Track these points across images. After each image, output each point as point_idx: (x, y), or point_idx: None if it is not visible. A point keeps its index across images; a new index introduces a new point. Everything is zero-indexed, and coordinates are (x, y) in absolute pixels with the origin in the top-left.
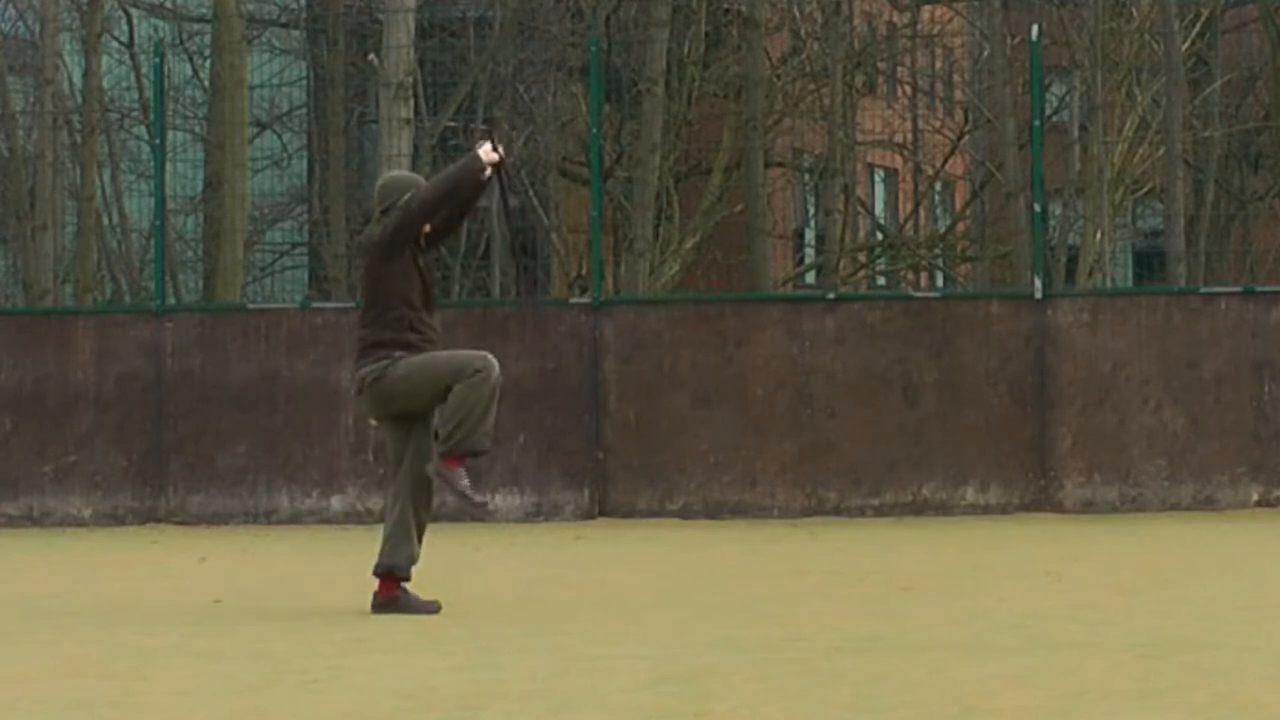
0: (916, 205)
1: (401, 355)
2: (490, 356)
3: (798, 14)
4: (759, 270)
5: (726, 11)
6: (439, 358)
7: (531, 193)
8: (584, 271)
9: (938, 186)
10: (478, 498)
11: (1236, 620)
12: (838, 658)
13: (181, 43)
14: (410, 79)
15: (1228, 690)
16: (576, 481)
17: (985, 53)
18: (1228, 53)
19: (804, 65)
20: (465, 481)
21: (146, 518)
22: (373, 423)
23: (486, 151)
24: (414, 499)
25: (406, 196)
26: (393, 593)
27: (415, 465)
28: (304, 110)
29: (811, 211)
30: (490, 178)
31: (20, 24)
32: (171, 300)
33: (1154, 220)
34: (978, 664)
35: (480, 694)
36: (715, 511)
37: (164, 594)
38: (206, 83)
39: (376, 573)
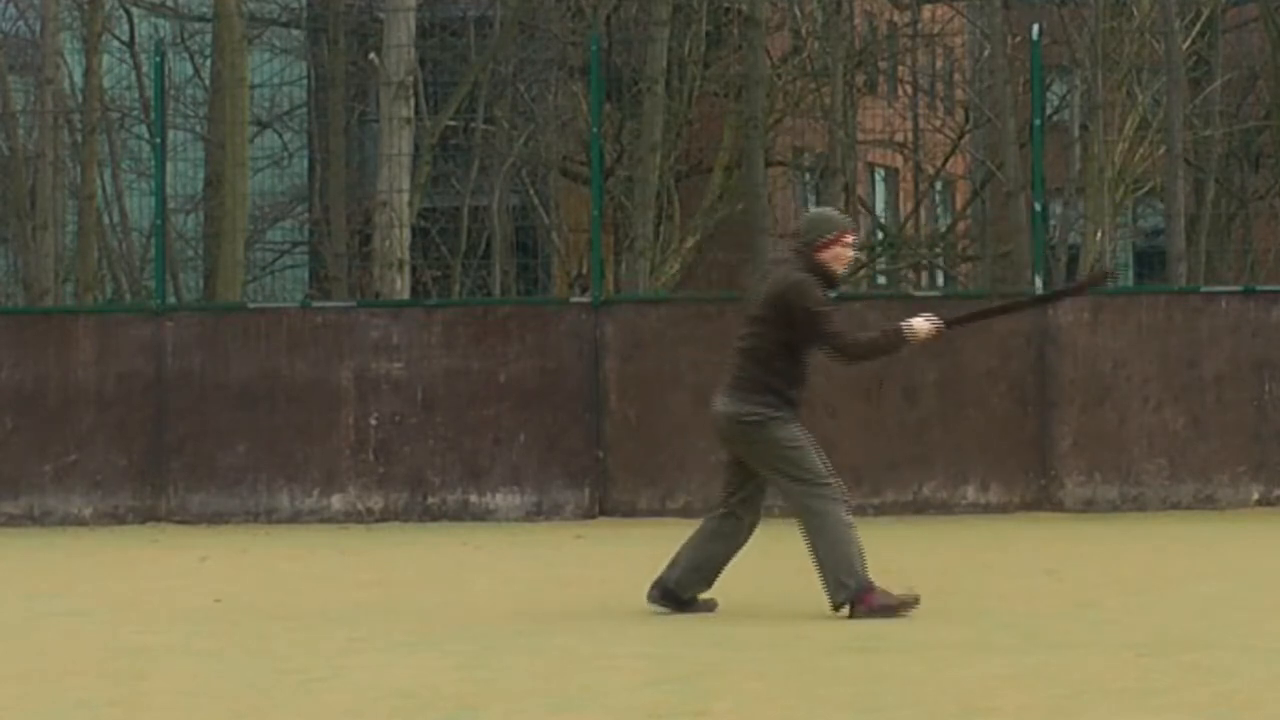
0: (917, 204)
1: (784, 418)
2: (835, 485)
3: (798, 13)
4: (759, 269)
5: (727, 10)
6: (801, 460)
7: (532, 192)
8: (584, 271)
9: (938, 186)
10: (904, 598)
11: (1236, 620)
12: (838, 657)
13: (182, 42)
14: (411, 78)
15: (1228, 690)
16: (577, 481)
17: (986, 52)
18: (1228, 52)
19: (805, 64)
20: (883, 599)
21: (147, 517)
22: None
23: (922, 330)
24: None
25: (831, 335)
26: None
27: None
28: (304, 109)
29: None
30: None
31: (21, 23)
32: (172, 299)
33: (1154, 219)
34: (978, 663)
35: (480, 694)
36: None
37: (164, 594)
38: (207, 82)
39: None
